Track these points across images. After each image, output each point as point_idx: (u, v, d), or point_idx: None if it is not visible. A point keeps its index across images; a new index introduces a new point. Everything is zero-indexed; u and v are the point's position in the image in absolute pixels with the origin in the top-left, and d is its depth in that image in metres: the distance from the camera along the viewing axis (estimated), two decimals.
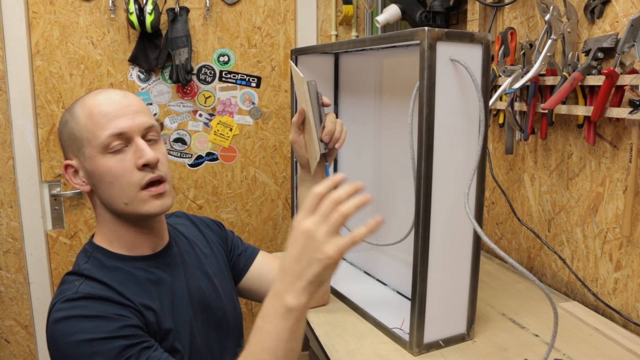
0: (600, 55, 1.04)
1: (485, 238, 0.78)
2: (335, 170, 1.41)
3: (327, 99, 1.01)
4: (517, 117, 1.28)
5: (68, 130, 0.88)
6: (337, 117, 1.37)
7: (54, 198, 1.80)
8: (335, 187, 0.71)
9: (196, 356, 0.91)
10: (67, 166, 0.89)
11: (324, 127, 0.99)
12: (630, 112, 0.95)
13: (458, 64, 0.86)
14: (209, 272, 1.00)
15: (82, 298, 0.79)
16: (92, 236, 0.94)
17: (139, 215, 0.87)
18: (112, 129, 0.83)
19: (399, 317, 1.05)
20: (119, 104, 0.86)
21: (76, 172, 0.89)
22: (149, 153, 0.84)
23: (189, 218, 1.11)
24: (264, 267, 1.11)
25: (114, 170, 0.84)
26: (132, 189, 0.85)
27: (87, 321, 0.77)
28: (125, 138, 0.85)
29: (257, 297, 1.14)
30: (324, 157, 1.01)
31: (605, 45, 1.03)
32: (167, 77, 1.83)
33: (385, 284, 1.25)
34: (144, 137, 0.87)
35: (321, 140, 0.99)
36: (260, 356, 0.70)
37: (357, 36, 1.95)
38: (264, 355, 0.70)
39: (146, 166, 0.85)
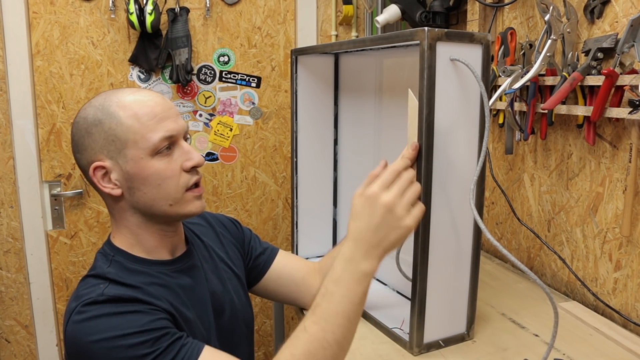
0: (600, 55, 1.04)
1: (488, 235, 0.78)
2: (335, 170, 1.41)
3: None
4: (517, 117, 1.28)
5: (104, 130, 0.82)
6: (337, 117, 1.38)
7: (54, 198, 1.80)
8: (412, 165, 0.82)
9: None
10: (96, 168, 0.83)
11: None
12: (630, 112, 0.95)
13: (458, 62, 0.86)
14: (223, 277, 0.99)
15: (110, 300, 0.76)
16: (109, 238, 0.91)
17: (181, 216, 0.88)
18: (163, 131, 0.82)
19: (399, 317, 1.05)
20: (162, 105, 0.85)
21: (106, 174, 0.84)
22: (197, 156, 0.86)
23: (205, 218, 1.08)
24: (281, 268, 1.10)
25: (162, 173, 0.83)
26: (179, 191, 0.85)
27: (117, 318, 0.75)
28: (172, 140, 0.85)
29: (274, 297, 1.13)
30: None
31: (605, 45, 1.03)
32: (167, 77, 1.83)
33: (385, 284, 1.25)
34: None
35: None
36: (335, 320, 0.74)
37: (357, 36, 1.95)
38: (339, 319, 0.74)
39: (193, 168, 0.86)
